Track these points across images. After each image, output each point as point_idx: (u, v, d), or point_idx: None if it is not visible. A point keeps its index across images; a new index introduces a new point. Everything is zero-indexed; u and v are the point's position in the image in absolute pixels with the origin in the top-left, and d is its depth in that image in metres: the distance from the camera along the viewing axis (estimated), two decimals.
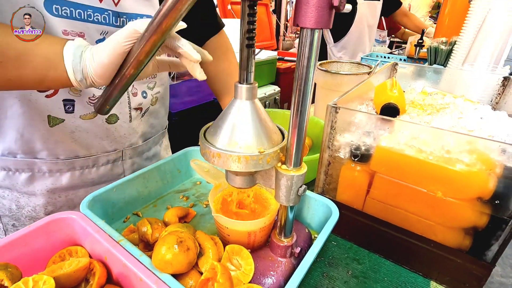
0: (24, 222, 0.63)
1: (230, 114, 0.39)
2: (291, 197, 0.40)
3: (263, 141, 0.38)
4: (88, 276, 0.43)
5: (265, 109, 0.41)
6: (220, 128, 0.39)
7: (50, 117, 0.54)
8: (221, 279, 0.37)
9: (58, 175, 0.60)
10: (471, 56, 1.01)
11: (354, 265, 0.53)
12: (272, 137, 0.40)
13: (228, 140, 0.38)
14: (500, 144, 0.41)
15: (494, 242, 0.44)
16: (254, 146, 0.37)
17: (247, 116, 0.38)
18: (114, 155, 0.65)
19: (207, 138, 0.40)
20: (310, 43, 0.32)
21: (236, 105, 0.39)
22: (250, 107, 0.39)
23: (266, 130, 0.39)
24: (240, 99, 0.39)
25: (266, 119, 0.40)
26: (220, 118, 0.40)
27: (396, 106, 0.58)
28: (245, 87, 0.38)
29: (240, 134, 0.38)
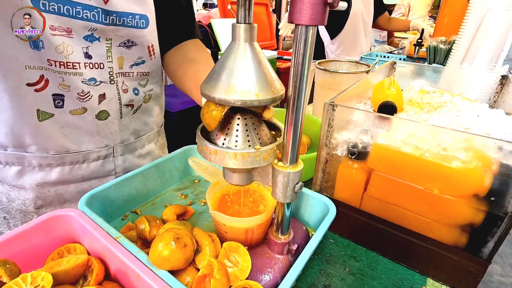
0: (15, 215, 0.63)
1: (228, 57, 0.36)
2: (288, 194, 0.40)
3: (263, 88, 0.35)
4: (86, 273, 0.44)
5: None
6: (217, 73, 0.36)
7: (39, 111, 0.54)
8: (217, 275, 0.38)
9: (48, 170, 0.60)
10: (469, 55, 1.01)
11: (352, 262, 0.53)
12: (273, 85, 0.36)
13: (226, 86, 0.35)
14: (496, 141, 0.41)
15: (490, 239, 0.44)
16: (253, 92, 0.35)
17: (247, 59, 0.35)
18: (105, 151, 0.65)
19: (204, 88, 0.37)
20: (305, 39, 0.32)
21: (234, 48, 0.36)
22: (249, 50, 0.36)
23: (266, 76, 0.36)
24: (238, 41, 0.35)
25: (266, 64, 0.37)
26: (218, 64, 0.37)
27: (393, 104, 0.59)
28: (243, 27, 0.34)
29: (239, 79, 0.35)
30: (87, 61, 0.54)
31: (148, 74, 0.66)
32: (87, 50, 0.54)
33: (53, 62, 0.51)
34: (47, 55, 0.50)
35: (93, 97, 0.57)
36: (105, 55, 0.56)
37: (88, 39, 0.53)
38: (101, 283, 0.42)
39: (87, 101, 0.57)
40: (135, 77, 0.63)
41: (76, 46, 0.52)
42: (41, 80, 0.52)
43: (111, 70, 0.58)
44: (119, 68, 0.59)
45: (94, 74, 0.56)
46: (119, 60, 0.59)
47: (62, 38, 0.50)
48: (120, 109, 0.62)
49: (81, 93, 0.56)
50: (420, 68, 0.87)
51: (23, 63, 0.49)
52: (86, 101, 0.57)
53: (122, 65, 0.59)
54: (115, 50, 0.57)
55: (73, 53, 0.52)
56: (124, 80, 0.61)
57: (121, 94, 0.61)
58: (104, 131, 0.62)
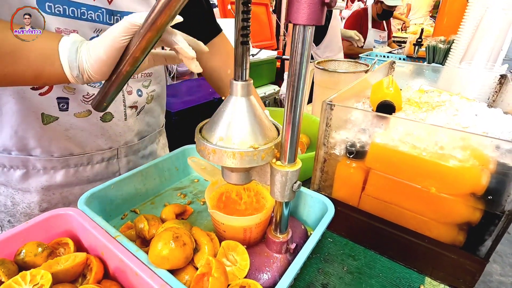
0: (20, 219, 0.63)
1: (226, 110, 0.39)
2: (286, 193, 0.41)
3: (258, 137, 0.39)
4: (85, 271, 0.44)
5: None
6: (215, 124, 0.40)
7: (44, 115, 0.54)
8: (215, 273, 0.38)
9: (53, 173, 0.60)
10: (468, 55, 1.01)
11: (350, 261, 0.53)
12: (267, 134, 0.40)
13: (224, 137, 0.38)
14: (493, 140, 0.41)
15: (487, 237, 0.44)
16: (248, 143, 0.38)
17: (242, 113, 0.39)
18: (109, 153, 0.65)
19: (203, 135, 0.41)
20: (302, 39, 0.32)
21: (231, 102, 0.39)
22: (245, 104, 0.39)
23: (261, 126, 0.40)
24: (235, 96, 0.39)
25: (261, 116, 0.40)
26: (216, 115, 0.40)
27: (392, 104, 0.59)
28: (240, 84, 0.38)
29: (235, 130, 0.38)
30: None
31: (151, 75, 0.66)
32: None
33: None
34: None
35: None
36: None
37: None
38: (100, 282, 0.43)
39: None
40: (139, 78, 0.64)
41: None
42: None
43: None
44: None
45: None
46: None
47: None
48: (124, 111, 0.63)
49: (86, 95, 0.56)
50: (419, 68, 0.87)
51: None
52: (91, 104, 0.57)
53: None
54: None
55: None
56: (128, 82, 0.61)
57: (125, 96, 0.62)
58: (109, 133, 0.63)
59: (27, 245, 0.42)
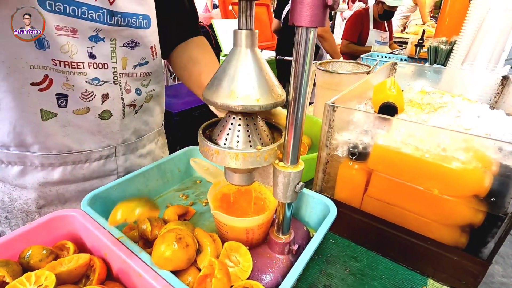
0: (17, 215, 0.63)
1: (229, 63, 0.37)
2: (288, 194, 0.41)
3: (264, 93, 0.36)
4: (88, 272, 0.44)
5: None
6: (219, 78, 0.37)
7: (43, 111, 0.54)
8: (218, 274, 0.38)
9: (50, 169, 0.60)
10: (470, 56, 1.01)
11: (352, 262, 0.53)
12: (274, 90, 0.37)
13: (228, 91, 0.36)
14: (496, 142, 0.41)
15: (490, 239, 0.44)
16: (253, 97, 0.35)
17: (247, 64, 0.36)
18: (107, 151, 0.65)
19: (206, 94, 0.38)
20: (305, 41, 0.32)
21: (235, 54, 0.36)
22: (250, 55, 0.36)
23: (267, 81, 0.37)
24: (239, 47, 0.36)
25: (267, 69, 0.38)
26: (220, 69, 0.38)
27: (394, 105, 0.59)
28: (244, 33, 0.35)
29: (240, 84, 0.35)
30: (91, 61, 0.55)
31: (151, 74, 0.66)
32: (92, 50, 0.54)
33: (58, 62, 0.51)
34: (52, 54, 0.50)
35: (97, 97, 0.58)
36: (109, 55, 0.57)
37: (93, 40, 0.54)
38: (103, 283, 0.43)
39: (91, 101, 0.57)
40: (138, 77, 0.64)
41: (81, 46, 0.53)
42: (45, 79, 0.52)
43: (115, 70, 0.58)
44: (123, 69, 0.60)
45: (98, 74, 0.56)
46: (123, 60, 0.59)
47: (67, 38, 0.51)
48: (122, 109, 0.63)
49: (84, 92, 0.56)
50: (420, 69, 0.87)
51: (27, 63, 0.50)
52: (90, 101, 0.57)
53: (125, 65, 0.60)
54: (119, 50, 0.58)
55: (78, 53, 0.52)
56: (127, 81, 0.62)
57: (124, 94, 0.62)
58: (106, 131, 0.63)
59: (33, 248, 0.43)
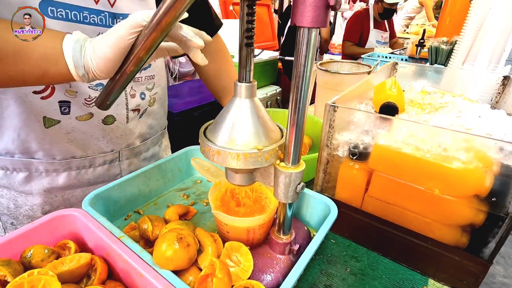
0: (22, 221, 0.63)
1: (230, 112, 0.40)
2: (289, 194, 0.41)
3: (262, 139, 0.39)
4: (90, 272, 0.44)
5: (265, 108, 0.42)
6: (219, 126, 0.40)
7: (46, 118, 0.54)
8: (219, 274, 0.38)
9: (55, 175, 0.61)
10: (471, 56, 1.01)
11: (353, 262, 0.53)
12: (271, 135, 0.40)
13: (227, 138, 0.39)
14: (497, 141, 0.41)
15: (491, 239, 0.44)
16: (252, 144, 0.38)
17: (246, 114, 0.39)
18: (110, 155, 0.65)
19: (207, 136, 0.41)
20: (307, 42, 0.32)
21: (235, 103, 0.40)
22: (249, 105, 0.39)
23: (265, 128, 0.40)
24: (239, 98, 0.39)
25: (265, 117, 0.41)
26: (220, 116, 0.41)
27: (395, 105, 0.59)
28: (244, 86, 0.39)
29: (239, 132, 0.39)
30: None
31: (154, 77, 0.66)
32: None
33: None
34: None
35: None
36: None
37: None
38: (105, 282, 0.43)
39: (94, 106, 0.57)
40: (143, 81, 0.64)
41: None
42: (47, 87, 0.52)
43: None
44: None
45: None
46: None
47: None
48: (126, 114, 0.63)
49: (88, 98, 0.56)
50: (421, 69, 0.87)
51: None
52: (93, 106, 0.57)
53: None
54: None
55: None
56: (133, 86, 0.62)
57: (128, 99, 0.62)
58: (110, 136, 0.63)
59: (34, 248, 0.43)
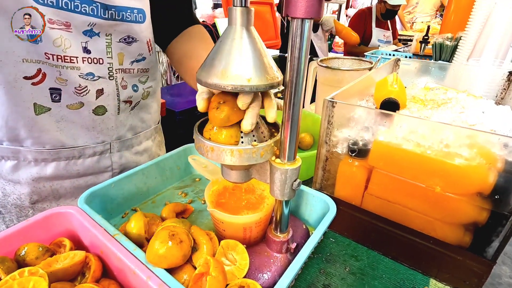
0: (11, 210, 0.63)
1: (223, 42, 0.35)
2: (286, 191, 0.40)
3: (259, 72, 0.34)
4: (84, 270, 0.44)
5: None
6: (211, 59, 0.36)
7: (36, 105, 0.54)
8: (213, 272, 0.37)
9: (43, 165, 0.60)
10: (476, 51, 0.99)
11: (352, 261, 0.52)
12: (268, 71, 0.35)
13: (220, 71, 0.34)
14: (501, 137, 0.40)
15: (494, 238, 0.43)
16: (245, 77, 0.34)
17: (240, 44, 0.34)
18: (101, 147, 0.64)
19: (199, 76, 0.36)
20: (301, 33, 0.31)
21: (229, 33, 0.35)
22: (245, 35, 0.35)
23: (260, 62, 0.35)
24: (234, 25, 0.35)
25: (262, 50, 0.36)
26: (213, 49, 0.36)
27: (396, 101, 0.58)
28: (239, 10, 0.34)
29: (232, 63, 0.34)
30: (86, 56, 0.54)
31: (148, 70, 0.66)
32: (86, 45, 0.54)
33: (51, 56, 0.51)
34: (44, 48, 0.50)
35: (91, 92, 0.57)
36: (105, 50, 0.56)
37: (88, 34, 0.53)
38: (99, 280, 0.42)
39: (84, 96, 0.57)
40: (135, 73, 0.63)
41: (74, 41, 0.52)
42: (38, 73, 0.52)
43: (110, 66, 0.58)
44: (119, 64, 0.59)
45: (92, 69, 0.56)
46: (119, 56, 0.59)
47: (60, 32, 0.50)
48: (118, 105, 0.62)
49: (78, 87, 0.55)
50: (425, 65, 0.86)
51: (20, 56, 0.49)
52: (83, 96, 0.57)
53: (122, 61, 0.59)
54: (115, 46, 0.57)
55: (71, 47, 0.52)
56: (124, 77, 0.61)
57: (120, 90, 0.61)
58: (101, 127, 0.62)
59: (29, 245, 0.42)
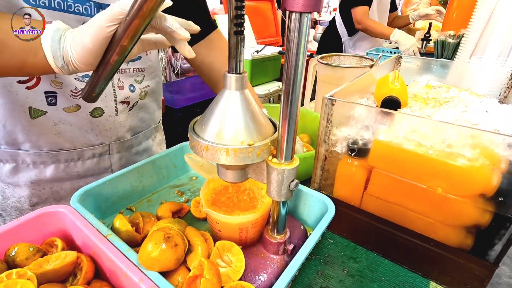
0: (11, 213, 0.63)
1: (218, 105, 0.38)
2: (283, 192, 0.39)
3: (252, 134, 0.37)
4: (76, 271, 0.43)
5: (261, 103, 0.40)
6: (208, 119, 0.38)
7: (32, 109, 0.53)
8: (207, 275, 0.36)
9: (42, 167, 0.60)
10: (479, 49, 0.98)
11: (351, 263, 0.51)
12: (261, 131, 0.38)
13: (215, 132, 0.37)
14: (505, 137, 0.39)
15: (497, 241, 0.42)
16: (240, 139, 0.36)
17: (236, 108, 0.37)
18: (100, 148, 0.64)
19: (195, 131, 0.39)
20: (299, 28, 0.30)
21: (224, 96, 0.37)
22: (239, 98, 0.37)
23: (255, 122, 0.38)
24: (229, 90, 0.37)
25: (256, 111, 0.38)
26: (208, 109, 0.39)
27: (397, 99, 0.56)
28: (234, 77, 0.36)
29: (227, 126, 0.36)
30: None
31: (144, 70, 0.65)
32: None
33: None
34: None
35: None
36: None
37: None
38: (91, 281, 0.41)
39: (81, 98, 0.56)
40: (131, 73, 0.62)
41: None
42: (32, 77, 0.51)
43: None
44: None
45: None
46: None
47: None
48: (115, 106, 0.61)
49: (74, 90, 0.55)
50: (427, 63, 0.84)
51: None
52: (80, 98, 0.56)
53: None
54: None
55: None
56: (120, 77, 0.60)
57: (116, 91, 0.60)
58: (99, 128, 0.61)
59: (19, 246, 0.41)
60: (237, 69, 0.37)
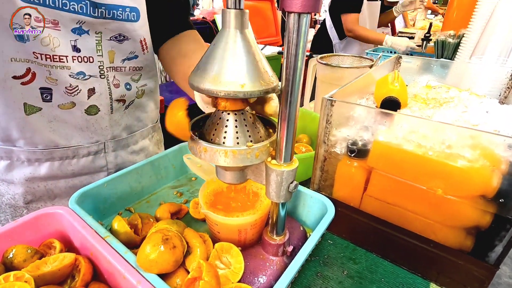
0: (5, 210, 0.62)
1: (216, 46, 0.34)
2: (282, 194, 0.38)
3: (254, 78, 0.33)
4: (74, 272, 0.42)
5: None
6: (204, 63, 0.34)
7: (27, 105, 0.53)
8: (206, 277, 0.36)
9: (37, 165, 0.59)
10: (479, 49, 0.97)
11: (350, 264, 0.51)
12: (263, 77, 0.34)
13: (213, 76, 0.33)
14: (506, 138, 0.38)
15: (497, 243, 0.41)
16: (241, 82, 0.32)
17: (235, 48, 0.33)
18: (95, 147, 0.63)
19: (191, 80, 0.35)
20: (298, 28, 0.30)
21: (223, 36, 0.33)
22: (240, 38, 0.33)
23: (255, 67, 0.34)
24: (227, 29, 0.33)
25: (257, 53, 0.35)
26: (207, 52, 0.35)
27: (396, 100, 0.56)
28: (234, 13, 0.32)
29: (226, 68, 0.33)
30: (75, 55, 0.53)
31: (141, 69, 0.64)
32: (75, 43, 0.52)
33: (39, 55, 0.49)
34: (32, 47, 0.48)
35: (82, 91, 0.56)
36: (95, 48, 0.55)
37: (76, 32, 0.51)
38: (89, 283, 0.41)
39: (76, 96, 0.56)
40: (127, 71, 0.62)
41: (63, 39, 0.51)
42: (28, 73, 0.50)
43: (101, 64, 0.56)
44: (110, 63, 0.58)
45: (82, 68, 0.54)
46: (110, 54, 0.57)
47: (48, 31, 0.49)
48: (110, 104, 0.61)
49: (69, 87, 0.54)
50: (427, 63, 0.84)
51: (8, 56, 0.48)
52: (75, 96, 0.55)
53: (113, 59, 0.58)
54: (105, 44, 0.55)
55: (60, 46, 0.50)
56: (115, 75, 0.60)
57: (112, 89, 0.60)
58: (94, 127, 0.61)
59: (17, 248, 0.41)
60: (237, 3, 0.32)
